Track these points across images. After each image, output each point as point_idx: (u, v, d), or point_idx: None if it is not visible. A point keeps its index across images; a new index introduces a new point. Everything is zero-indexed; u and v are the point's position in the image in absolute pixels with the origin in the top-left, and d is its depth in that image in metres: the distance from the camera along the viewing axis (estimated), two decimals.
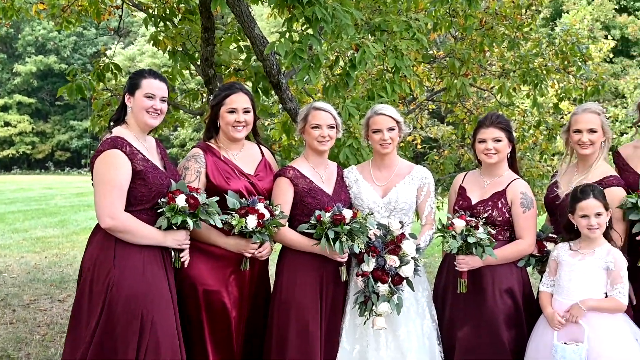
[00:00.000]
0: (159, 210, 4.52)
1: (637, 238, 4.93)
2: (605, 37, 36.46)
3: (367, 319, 4.94)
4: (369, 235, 4.91)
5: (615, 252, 4.84)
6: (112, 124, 4.75)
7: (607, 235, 4.91)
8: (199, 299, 4.90)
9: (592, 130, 5.15)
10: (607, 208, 4.81)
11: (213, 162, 5.00)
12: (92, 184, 4.52)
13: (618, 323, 4.80)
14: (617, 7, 44.58)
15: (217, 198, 4.67)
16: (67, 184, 38.81)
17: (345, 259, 5.03)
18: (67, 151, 64.25)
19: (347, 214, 4.88)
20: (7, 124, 60.86)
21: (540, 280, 5.15)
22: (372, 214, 5.07)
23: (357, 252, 4.87)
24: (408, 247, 4.91)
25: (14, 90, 62.07)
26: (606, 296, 4.81)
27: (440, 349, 5.27)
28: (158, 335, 4.46)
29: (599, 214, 4.77)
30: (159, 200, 4.52)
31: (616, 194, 5.02)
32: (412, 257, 4.92)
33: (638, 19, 44.25)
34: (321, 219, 4.87)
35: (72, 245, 15.49)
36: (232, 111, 5.04)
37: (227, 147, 5.13)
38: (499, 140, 5.21)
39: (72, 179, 47.97)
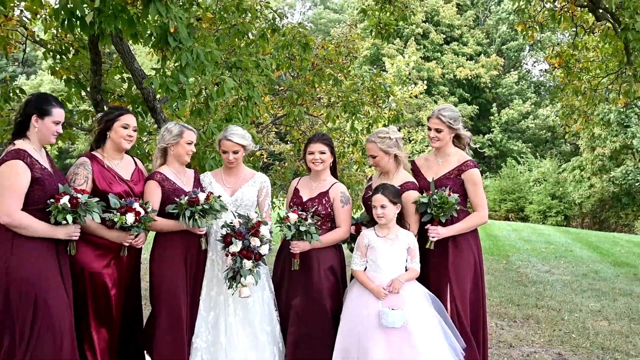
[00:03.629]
0: (47, 210, 4.40)
1: (425, 227, 5.11)
2: (421, 80, 38.66)
3: (235, 291, 4.95)
4: (233, 224, 4.98)
5: (411, 235, 5.11)
6: (13, 137, 4.55)
7: (403, 223, 5.14)
8: (85, 280, 4.77)
9: (373, 156, 5.40)
10: (394, 203, 5.03)
11: (98, 170, 4.87)
12: None
13: (414, 286, 5.07)
14: (422, 56, 46.85)
15: (97, 199, 4.58)
16: None
17: (203, 232, 5.09)
18: None
19: (201, 196, 4.92)
20: None
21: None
22: (220, 196, 5.11)
23: (222, 236, 4.99)
24: (265, 230, 5.00)
25: None
26: (406, 269, 5.03)
27: (276, 313, 5.33)
28: (51, 313, 4.33)
29: (383, 206, 5.00)
30: (48, 201, 4.39)
31: (412, 195, 5.19)
32: (267, 240, 5.01)
33: (438, 64, 46.74)
34: (181, 201, 4.90)
35: None
36: (126, 127, 4.96)
37: (110, 156, 5.00)
38: (323, 153, 5.34)
39: None
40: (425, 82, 40.95)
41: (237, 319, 5.15)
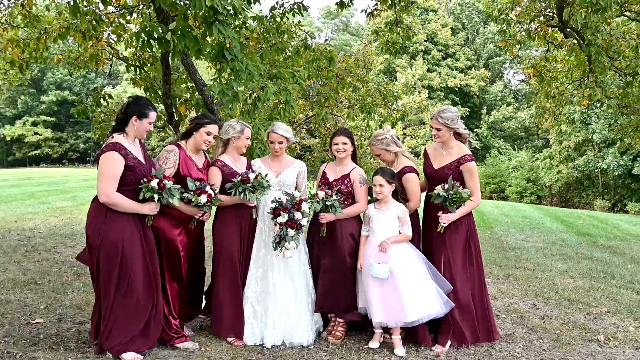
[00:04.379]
0: (138, 188, 4.51)
1: (437, 214, 5.06)
2: (424, 88, 38.87)
3: (280, 253, 5.02)
4: (281, 200, 5.01)
5: (401, 206, 5.13)
6: (113, 130, 4.68)
7: (398, 199, 5.16)
8: (162, 244, 4.86)
9: (377, 155, 5.42)
10: (389, 182, 5.07)
11: (183, 158, 4.93)
12: (97, 169, 4.47)
13: (406, 248, 5.08)
14: (427, 68, 47.02)
15: (179, 186, 4.67)
16: (77, 173, 37.20)
17: (253, 204, 5.14)
18: (76, 152, 63.66)
19: (252, 175, 4.97)
20: (36, 133, 60.31)
21: None
22: (267, 174, 5.14)
23: (271, 209, 5.01)
24: (305, 207, 5.00)
25: (41, 112, 61.12)
26: (400, 233, 5.07)
27: (310, 270, 5.36)
28: (131, 270, 4.49)
29: (381, 185, 5.05)
30: (141, 181, 4.51)
31: (409, 177, 5.22)
32: (307, 214, 5.03)
33: (438, 75, 46.82)
34: (235, 180, 4.97)
35: (79, 212, 14.91)
36: (209, 134, 5.01)
37: (190, 150, 5.05)
38: (345, 143, 5.34)
39: (80, 170, 46.19)
40: (427, 89, 41.37)
41: (280, 274, 5.18)
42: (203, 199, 4.74)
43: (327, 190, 5.16)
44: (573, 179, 37.53)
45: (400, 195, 5.18)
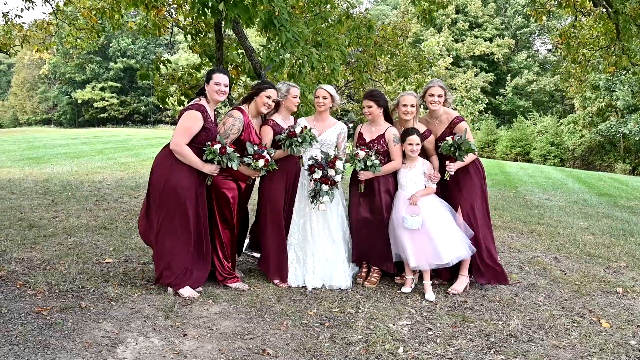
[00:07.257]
0: (203, 149, 4.63)
1: (445, 163, 5.07)
2: (448, 55, 37.92)
3: (315, 205, 5.03)
4: (317, 157, 5.00)
5: (426, 162, 5.19)
6: (197, 96, 4.84)
7: (421, 155, 5.19)
8: (216, 195, 4.96)
9: (412, 105, 5.20)
10: (422, 141, 5.11)
11: (247, 124, 4.96)
12: (178, 122, 4.67)
13: (433, 199, 5.12)
14: (453, 39, 45.79)
15: (237, 155, 4.73)
16: (139, 133, 37.95)
17: (301, 154, 5.14)
18: (139, 114, 65.27)
19: (297, 129, 4.95)
20: (102, 98, 61.91)
21: None
22: (311, 128, 5.06)
23: (308, 166, 5.00)
24: (339, 164, 4.98)
25: (107, 78, 62.63)
26: (425, 187, 5.11)
27: (347, 222, 5.37)
28: (185, 214, 4.62)
29: (418, 144, 5.06)
30: (206, 144, 4.63)
31: (430, 139, 5.23)
32: (341, 171, 5.00)
33: (464, 45, 45.49)
34: (282, 135, 4.99)
35: (142, 167, 15.23)
36: (269, 97, 5.00)
37: (252, 114, 5.07)
38: (370, 107, 5.22)
39: (142, 130, 47.13)
40: (454, 58, 40.54)
41: (319, 224, 5.20)
42: (260, 163, 4.81)
43: (366, 150, 5.09)
44: (595, 143, 36.43)
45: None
